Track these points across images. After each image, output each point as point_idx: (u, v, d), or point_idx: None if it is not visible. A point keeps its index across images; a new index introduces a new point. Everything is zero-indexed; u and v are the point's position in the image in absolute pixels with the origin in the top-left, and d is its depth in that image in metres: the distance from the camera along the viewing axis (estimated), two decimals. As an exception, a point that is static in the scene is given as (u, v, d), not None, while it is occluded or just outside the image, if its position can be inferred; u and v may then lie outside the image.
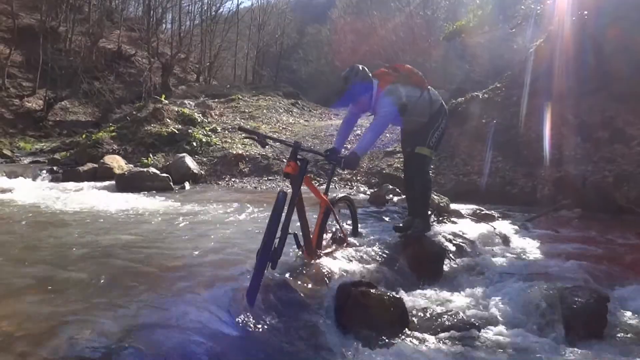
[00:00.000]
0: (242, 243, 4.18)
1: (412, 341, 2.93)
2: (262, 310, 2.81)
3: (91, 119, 21.37)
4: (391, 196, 7.35)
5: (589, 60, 8.87)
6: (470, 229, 5.58)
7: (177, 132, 12.96)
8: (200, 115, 15.01)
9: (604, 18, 8.83)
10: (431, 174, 9.69)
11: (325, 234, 4.02)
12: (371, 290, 3.17)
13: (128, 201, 7.14)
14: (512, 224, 6.44)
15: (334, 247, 4.03)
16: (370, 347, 2.79)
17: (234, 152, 11.78)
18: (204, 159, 11.69)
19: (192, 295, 2.87)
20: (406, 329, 3.08)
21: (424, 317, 3.29)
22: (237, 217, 5.89)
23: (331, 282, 3.36)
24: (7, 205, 6.45)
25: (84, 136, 14.32)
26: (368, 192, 8.68)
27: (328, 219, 3.90)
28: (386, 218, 5.82)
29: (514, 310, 3.42)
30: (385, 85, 4.13)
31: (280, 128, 15.75)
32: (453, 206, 6.39)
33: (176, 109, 14.79)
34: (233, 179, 10.73)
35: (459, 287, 4.02)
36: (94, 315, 2.51)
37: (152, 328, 2.42)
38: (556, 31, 10.02)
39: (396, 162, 10.43)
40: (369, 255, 4.09)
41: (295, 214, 3.32)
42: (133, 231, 4.86)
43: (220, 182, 10.53)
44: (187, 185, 9.61)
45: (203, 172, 10.85)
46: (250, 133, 3.51)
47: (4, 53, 20.58)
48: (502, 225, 6.23)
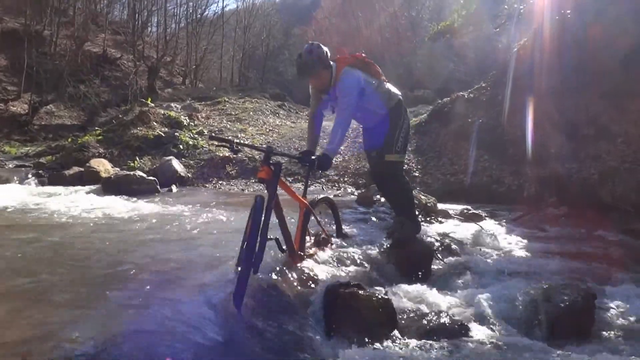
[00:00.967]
0: (228, 246, 4.15)
1: (400, 342, 2.93)
2: (249, 314, 2.79)
3: (77, 122, 21.17)
4: (378, 197, 7.35)
5: (572, 58, 8.95)
6: (457, 228, 5.62)
7: (163, 135, 12.88)
8: (186, 118, 14.93)
9: (584, 16, 8.91)
10: (417, 174, 9.80)
11: (308, 236, 4.00)
12: (359, 292, 3.16)
13: (114, 205, 7.07)
14: (499, 223, 6.47)
15: (317, 248, 4.01)
16: (359, 348, 2.78)
17: (221, 155, 11.73)
18: (191, 162, 11.62)
19: (178, 299, 2.84)
20: (395, 329, 3.07)
21: (413, 317, 3.28)
22: (224, 220, 5.86)
23: (319, 283, 3.35)
24: (-9, 212, 6.36)
25: (69, 140, 14.18)
26: (355, 193, 8.69)
27: (309, 221, 3.88)
28: (374, 218, 5.82)
29: (501, 310, 3.43)
30: (343, 66, 4.08)
31: (267, 130, 15.71)
32: (440, 206, 6.42)
33: (162, 112, 14.70)
34: (220, 182, 10.68)
35: (447, 286, 4.03)
36: (79, 320, 2.49)
37: (138, 333, 2.40)
38: (539, 30, 10.09)
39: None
40: (357, 256, 4.08)
41: (274, 217, 3.29)
42: (119, 235, 4.81)
43: (207, 185, 10.47)
44: (174, 188, 9.54)
45: (190, 175, 10.78)
46: (222, 141, 3.50)
47: (-12, 57, 20.35)
48: (490, 224, 6.26)
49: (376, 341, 2.87)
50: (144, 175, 9.23)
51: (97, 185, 9.20)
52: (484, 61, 17.58)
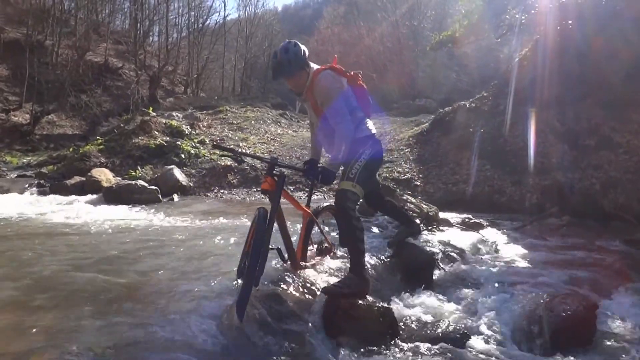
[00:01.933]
0: (230, 256, 4.15)
1: (401, 351, 2.92)
2: (250, 323, 2.79)
3: (78, 132, 21.24)
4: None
5: (573, 69, 8.98)
6: (459, 237, 5.60)
7: (165, 144, 12.90)
8: (188, 127, 14.97)
9: (586, 27, 8.96)
10: (418, 183, 9.80)
11: (311, 245, 3.99)
12: (359, 301, 3.15)
13: (116, 214, 7.08)
14: (501, 232, 6.46)
15: (319, 258, 4.00)
16: (359, 357, 2.77)
17: (223, 164, 11.74)
18: (193, 171, 11.63)
19: (179, 309, 2.84)
20: (396, 338, 3.07)
21: (414, 326, 3.28)
22: (226, 229, 5.85)
23: (320, 293, 3.34)
24: (-8, 221, 6.37)
25: (71, 149, 14.21)
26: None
27: (312, 230, 3.87)
28: (374, 228, 5.81)
29: (502, 319, 3.42)
30: (322, 69, 3.69)
31: (269, 139, 15.73)
32: (442, 215, 6.41)
33: (164, 121, 14.74)
34: (222, 191, 10.68)
35: (448, 295, 4.02)
36: (80, 330, 2.49)
37: (139, 343, 2.40)
38: (541, 40, 10.14)
39: (384, 172, 10.45)
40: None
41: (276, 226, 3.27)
42: (120, 245, 4.81)
43: (209, 194, 10.47)
44: (175, 197, 9.54)
45: (192, 184, 10.79)
46: (226, 151, 3.47)
47: (-10, 67, 20.47)
48: (491, 233, 6.25)
49: (377, 350, 2.86)
50: (146, 184, 9.24)
51: (99, 194, 9.21)
52: (485, 71, 17.66)
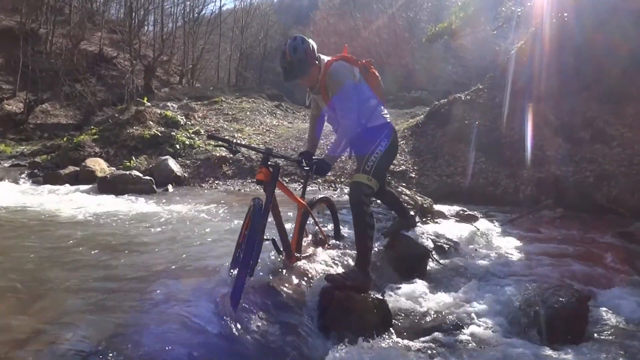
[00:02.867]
0: (224, 246, 4.15)
1: (395, 342, 2.93)
2: (245, 314, 2.79)
3: (73, 121, 21.11)
4: (374, 199, 7.36)
5: (569, 62, 8.99)
6: (453, 229, 5.61)
7: (160, 134, 12.85)
8: (183, 117, 14.92)
9: (583, 19, 8.95)
10: (413, 175, 9.82)
11: (306, 236, 3.99)
12: (354, 293, 3.16)
13: (110, 204, 7.06)
14: (495, 225, 6.49)
15: (315, 249, 4.01)
16: (354, 349, 2.78)
17: (218, 155, 11.71)
18: (188, 162, 11.60)
19: (173, 299, 2.84)
20: (390, 329, 3.08)
21: (408, 317, 3.29)
22: (220, 219, 5.85)
23: (314, 284, 3.34)
24: (-15, 210, 6.33)
25: (65, 139, 14.14)
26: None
27: (306, 221, 3.85)
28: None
29: (495, 310, 3.44)
30: (337, 58, 3.57)
31: (264, 130, 15.70)
32: (436, 207, 6.42)
33: (159, 111, 14.67)
34: (217, 182, 10.67)
35: (442, 287, 4.04)
36: (74, 321, 2.48)
37: (134, 333, 2.39)
38: (537, 33, 10.13)
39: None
40: (352, 257, 4.07)
41: (271, 218, 3.25)
42: (114, 235, 4.80)
43: (203, 185, 10.45)
44: (170, 188, 9.52)
45: (186, 175, 10.76)
46: (221, 141, 3.43)
47: (-17, 55, 20.30)
48: (485, 225, 6.28)
49: (371, 341, 2.87)
50: (140, 174, 9.21)
51: (93, 184, 9.18)
52: (481, 63, 17.65)
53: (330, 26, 31.93)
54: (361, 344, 2.84)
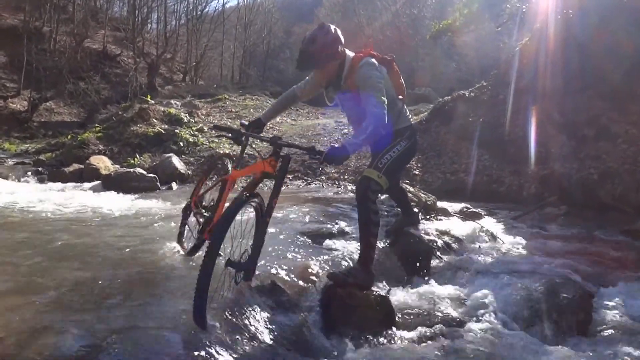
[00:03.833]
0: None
1: (398, 339, 2.93)
2: (247, 311, 2.80)
3: (77, 119, 21.19)
4: (379, 194, 7.35)
5: (574, 59, 8.95)
6: (457, 226, 5.61)
7: (163, 132, 12.86)
8: (186, 115, 14.93)
9: (588, 17, 8.90)
10: (417, 172, 9.80)
11: None
12: (357, 290, 3.16)
13: (114, 202, 7.07)
14: (499, 222, 6.48)
15: None
16: (357, 346, 2.79)
17: (221, 152, 11.72)
18: (191, 159, 11.61)
19: (176, 296, 2.84)
20: (393, 327, 3.08)
21: (411, 314, 3.29)
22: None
23: (317, 282, 3.35)
24: (-10, 208, 6.36)
25: (69, 137, 14.18)
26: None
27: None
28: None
29: (499, 307, 3.43)
30: (364, 57, 3.40)
31: (268, 127, 15.66)
32: (440, 204, 6.41)
33: (162, 109, 14.69)
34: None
35: (446, 284, 4.03)
36: (77, 317, 2.49)
37: (137, 329, 2.40)
38: (541, 30, 10.08)
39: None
40: (356, 253, 4.08)
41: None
42: (118, 232, 4.81)
43: (207, 182, 10.45)
44: (174, 186, 9.54)
45: (190, 172, 10.77)
46: (224, 130, 3.35)
47: (-13, 54, 20.37)
48: (489, 222, 6.26)
49: (374, 338, 2.88)
50: (144, 172, 9.24)
51: (97, 182, 9.20)
52: (485, 60, 17.61)
53: (334, 23, 31.80)
54: (364, 340, 2.85)
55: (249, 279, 2.79)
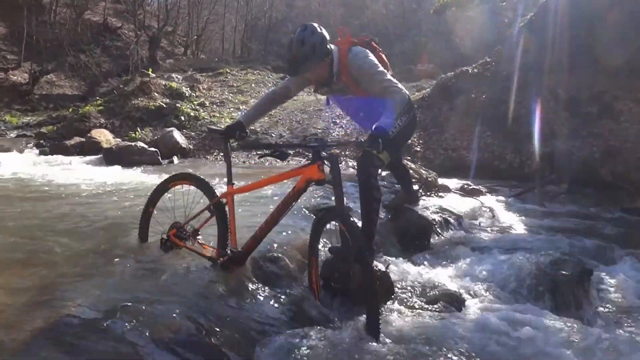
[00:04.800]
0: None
1: (397, 312, 2.97)
2: (249, 282, 2.83)
3: (78, 92, 21.08)
4: (380, 170, 7.35)
5: (579, 35, 8.85)
6: (457, 203, 5.62)
7: (165, 106, 12.82)
8: (188, 89, 14.85)
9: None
10: (419, 149, 9.78)
11: None
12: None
13: (115, 175, 7.10)
14: (499, 199, 6.50)
15: None
16: (354, 318, 2.82)
17: (223, 127, 11.70)
18: (192, 133, 11.61)
19: (177, 267, 2.88)
20: (392, 301, 3.11)
21: (410, 289, 3.32)
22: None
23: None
24: (-7, 180, 6.38)
25: (70, 110, 14.16)
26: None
27: None
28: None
29: (498, 282, 3.47)
30: (348, 47, 3.35)
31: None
32: (441, 181, 6.42)
33: (164, 82, 14.61)
34: (222, 154, 10.67)
35: (445, 259, 4.06)
36: (81, 287, 2.52)
37: (141, 299, 2.42)
38: (547, 5, 9.95)
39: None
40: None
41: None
42: (120, 205, 4.83)
43: (208, 157, 10.48)
44: (175, 160, 9.56)
45: (191, 147, 10.78)
46: (264, 148, 3.19)
47: (-13, 25, 20.17)
48: (489, 199, 6.28)
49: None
50: (145, 146, 9.25)
51: (99, 155, 9.22)
52: (489, 36, 17.39)
53: (337, -3, 31.47)
54: (363, 314, 2.88)
55: None
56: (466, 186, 6.65)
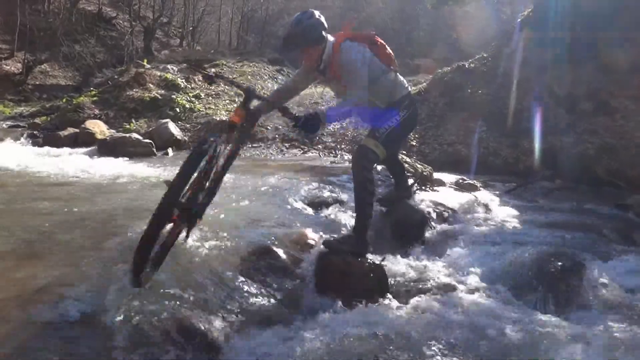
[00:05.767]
0: (224, 208, 4.16)
1: (390, 305, 2.98)
2: (244, 274, 2.83)
3: (72, 83, 20.91)
4: (375, 164, 7.35)
5: (576, 31, 8.86)
6: (452, 197, 5.63)
7: (160, 97, 12.73)
8: (183, 80, 14.75)
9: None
10: (414, 143, 9.77)
11: None
12: (351, 258, 3.19)
13: (109, 167, 7.04)
14: (494, 194, 6.51)
15: None
16: (348, 311, 2.83)
17: (218, 119, 11.64)
18: (188, 125, 11.53)
19: (170, 261, 2.86)
20: (386, 294, 3.12)
21: (404, 282, 3.33)
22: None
23: (312, 250, 3.37)
24: (-15, 170, 6.33)
25: (64, 100, 14.03)
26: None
27: None
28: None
29: (491, 276, 3.48)
30: (343, 39, 3.39)
31: (265, 94, 15.56)
32: (436, 175, 6.43)
33: (159, 73, 14.49)
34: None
35: (439, 253, 4.08)
36: (75, 279, 2.51)
37: (131, 291, 2.41)
38: (543, 1, 9.95)
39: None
40: (350, 222, 4.10)
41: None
42: (113, 197, 4.80)
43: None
44: (170, 152, 9.50)
45: (187, 139, 10.71)
46: (199, 70, 3.33)
47: (-20, 13, 19.99)
48: (484, 194, 6.29)
49: (366, 305, 2.92)
50: (140, 137, 9.19)
51: (93, 147, 9.15)
52: (486, 31, 17.39)
53: (334, -9, 31.34)
54: (357, 307, 2.89)
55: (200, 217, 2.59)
56: (461, 181, 6.66)
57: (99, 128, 10.24)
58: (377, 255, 3.65)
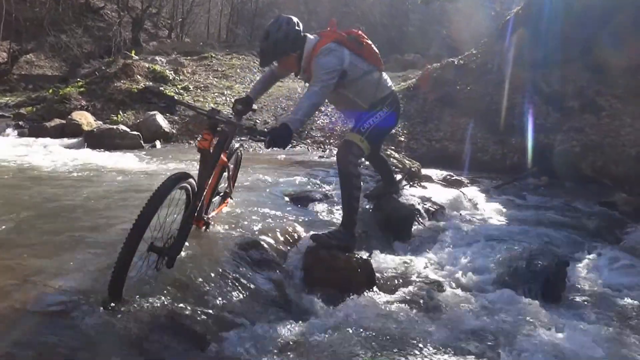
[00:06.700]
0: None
1: (378, 300, 2.99)
2: (231, 268, 2.83)
3: (58, 73, 20.64)
4: (363, 159, 7.36)
5: (564, 29, 8.92)
6: (440, 193, 5.68)
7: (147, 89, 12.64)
8: (172, 72, 14.66)
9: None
10: (402, 139, 9.81)
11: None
12: (339, 253, 3.21)
13: (97, 158, 6.99)
14: (481, 190, 6.56)
15: (220, 208, 3.61)
16: (336, 305, 2.84)
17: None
18: (176, 118, 11.46)
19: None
20: (374, 288, 3.15)
21: (391, 277, 3.36)
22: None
23: (299, 243, 3.38)
24: (-31, 160, 6.25)
25: (51, 91, 13.85)
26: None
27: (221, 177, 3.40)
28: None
29: (477, 272, 3.53)
30: (326, 41, 3.31)
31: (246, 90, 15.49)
32: (424, 171, 6.46)
33: (147, 65, 14.39)
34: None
35: (426, 248, 4.11)
36: (60, 270, 2.49)
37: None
38: (533, -1, 10.01)
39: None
40: (338, 217, 4.11)
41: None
42: (99, 189, 4.77)
43: (192, 142, 10.36)
44: (158, 144, 9.44)
45: (175, 131, 10.65)
46: (158, 96, 3.25)
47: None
48: (471, 190, 6.35)
49: (354, 299, 2.93)
50: (128, 129, 9.12)
51: (79, 138, 9.07)
52: (476, 28, 17.46)
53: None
54: (345, 301, 2.90)
55: (171, 266, 2.48)
56: (449, 177, 6.71)
57: (85, 119, 10.14)
58: (364, 249, 3.67)
